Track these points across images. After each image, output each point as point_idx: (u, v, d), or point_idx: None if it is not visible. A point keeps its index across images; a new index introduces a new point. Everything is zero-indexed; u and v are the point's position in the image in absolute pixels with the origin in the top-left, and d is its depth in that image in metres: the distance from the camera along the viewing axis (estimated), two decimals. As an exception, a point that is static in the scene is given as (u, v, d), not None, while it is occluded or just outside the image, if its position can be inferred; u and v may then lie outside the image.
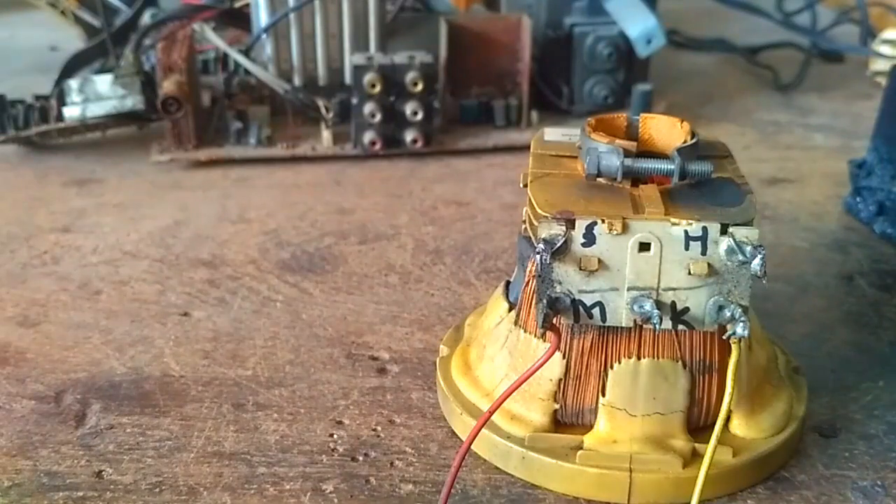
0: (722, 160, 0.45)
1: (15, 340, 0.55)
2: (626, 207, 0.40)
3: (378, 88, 0.81)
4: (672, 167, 0.41)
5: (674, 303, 0.40)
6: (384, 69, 0.82)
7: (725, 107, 1.02)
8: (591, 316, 0.40)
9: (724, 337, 0.40)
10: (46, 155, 0.86)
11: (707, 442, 0.39)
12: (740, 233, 0.39)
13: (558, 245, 0.39)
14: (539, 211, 0.40)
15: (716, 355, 0.42)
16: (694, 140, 0.43)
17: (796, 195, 0.78)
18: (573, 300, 0.40)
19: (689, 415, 0.43)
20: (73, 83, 0.83)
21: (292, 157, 0.85)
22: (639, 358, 0.42)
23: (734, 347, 0.39)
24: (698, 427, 0.43)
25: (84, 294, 0.61)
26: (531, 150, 0.47)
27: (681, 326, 0.40)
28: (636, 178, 0.43)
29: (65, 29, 1.09)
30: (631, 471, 0.42)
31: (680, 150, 0.42)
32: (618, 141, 0.43)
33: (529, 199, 0.42)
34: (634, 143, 0.43)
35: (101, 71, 0.88)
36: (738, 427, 0.44)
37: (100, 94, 0.83)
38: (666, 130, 0.46)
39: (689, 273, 0.39)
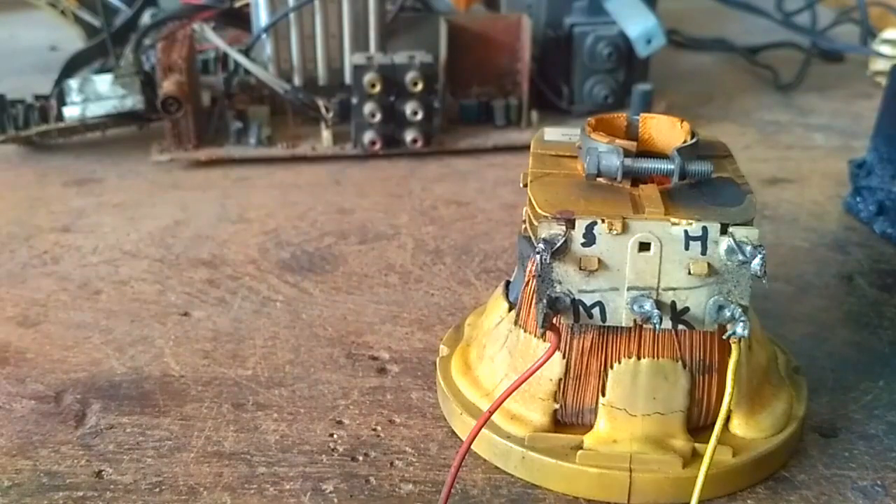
0: (722, 160, 0.45)
1: (15, 340, 0.55)
2: (626, 207, 0.40)
3: (378, 88, 0.81)
4: (672, 167, 0.41)
5: (674, 303, 0.40)
6: (384, 69, 0.82)
7: (725, 107, 1.02)
8: (591, 316, 0.40)
9: (724, 337, 0.40)
10: (46, 155, 0.87)
11: (707, 442, 0.39)
12: (740, 233, 0.39)
13: (558, 245, 0.39)
14: (539, 211, 0.40)
15: (716, 355, 0.42)
16: (694, 140, 0.43)
17: (796, 195, 0.78)
18: (573, 300, 0.40)
19: (689, 415, 0.43)
20: (73, 83, 0.83)
21: (292, 156, 0.85)
22: (639, 358, 0.42)
23: (734, 347, 0.39)
24: (698, 427, 0.43)
25: (84, 294, 0.61)
26: (531, 149, 0.47)
27: (681, 326, 0.40)
28: (636, 178, 0.43)
29: (65, 29, 1.09)
30: (631, 471, 0.42)
31: (680, 150, 0.42)
32: (618, 141, 0.43)
33: (529, 199, 0.42)
34: (634, 143, 0.43)
35: (101, 71, 0.88)
36: (738, 427, 0.44)
37: (100, 94, 0.83)
38: (666, 130, 0.46)
39: (689, 273, 0.39)
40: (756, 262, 0.38)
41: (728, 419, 0.43)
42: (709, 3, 1.14)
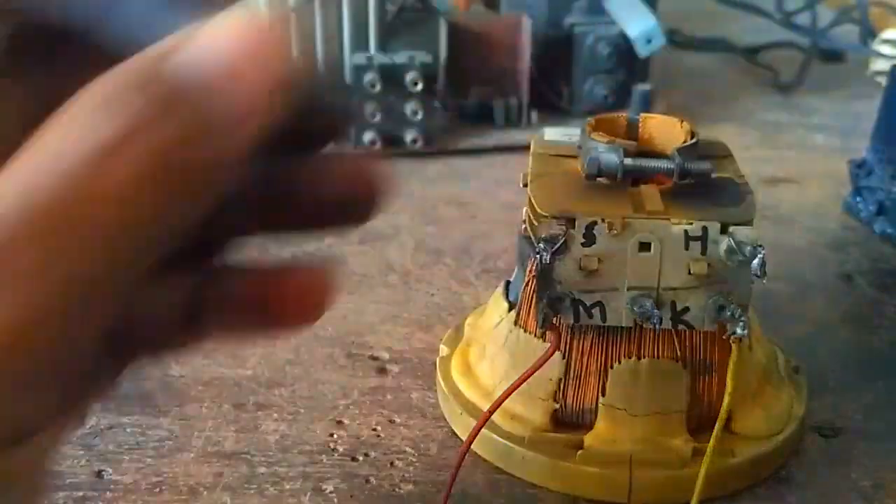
0: (722, 160, 0.45)
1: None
2: (626, 207, 0.40)
3: (378, 88, 0.82)
4: (672, 167, 0.41)
5: (674, 302, 0.40)
6: (384, 69, 0.82)
7: (725, 107, 1.02)
8: (591, 316, 0.40)
9: (723, 336, 0.40)
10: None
11: (707, 442, 0.39)
12: (740, 232, 0.39)
13: (558, 245, 0.39)
14: (539, 210, 0.40)
15: (716, 355, 0.42)
16: (694, 140, 0.43)
17: (796, 195, 0.78)
18: (573, 300, 0.40)
19: (689, 415, 0.43)
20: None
21: (292, 156, 0.85)
22: (639, 358, 0.42)
23: (734, 347, 0.39)
24: (698, 427, 0.43)
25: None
26: (531, 149, 0.47)
27: (681, 326, 0.40)
28: (636, 178, 0.43)
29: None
30: (631, 470, 0.42)
31: (680, 150, 0.42)
32: (618, 140, 0.43)
33: (529, 199, 0.42)
34: (635, 143, 0.43)
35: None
36: (739, 427, 0.44)
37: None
38: (666, 130, 0.46)
39: (689, 273, 0.39)
40: (756, 262, 0.38)
41: (728, 419, 0.43)
42: (709, 3, 1.14)
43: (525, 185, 0.44)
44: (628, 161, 0.42)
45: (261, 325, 0.28)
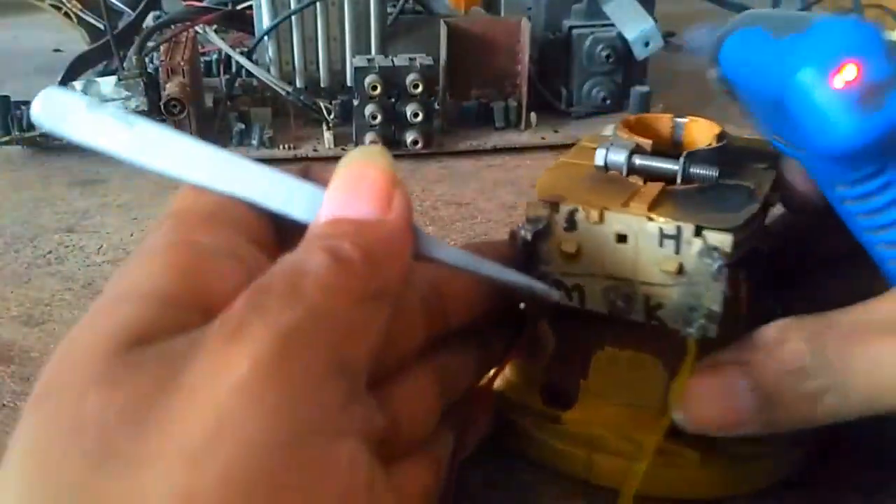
0: (754, 168, 0.45)
1: (20, 339, 0.56)
2: (616, 200, 0.40)
3: (379, 90, 0.82)
4: (676, 168, 0.42)
5: (647, 297, 0.40)
6: (385, 71, 0.82)
7: (723, 108, 1.02)
8: (570, 298, 0.41)
9: (680, 335, 0.39)
10: (51, 156, 0.87)
11: (682, 441, 0.40)
12: (712, 237, 0.38)
13: (541, 226, 0.40)
14: (536, 192, 0.41)
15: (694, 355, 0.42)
16: (717, 144, 0.44)
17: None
18: (555, 280, 0.41)
19: (664, 411, 0.42)
20: (77, 85, 0.84)
21: (294, 157, 0.86)
22: (621, 349, 0.42)
23: (690, 346, 0.39)
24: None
25: (88, 293, 0.62)
26: (581, 140, 0.48)
27: (653, 322, 0.40)
28: (648, 176, 0.43)
29: (68, 31, 1.10)
30: (593, 452, 0.42)
31: (692, 154, 0.42)
32: (635, 138, 0.43)
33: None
34: (650, 142, 0.43)
35: (105, 73, 0.90)
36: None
37: (103, 96, 0.84)
38: (703, 133, 0.46)
39: (662, 270, 0.39)
40: (715, 268, 0.38)
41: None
42: (706, 6, 1.15)
43: None
44: (635, 158, 0.42)
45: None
